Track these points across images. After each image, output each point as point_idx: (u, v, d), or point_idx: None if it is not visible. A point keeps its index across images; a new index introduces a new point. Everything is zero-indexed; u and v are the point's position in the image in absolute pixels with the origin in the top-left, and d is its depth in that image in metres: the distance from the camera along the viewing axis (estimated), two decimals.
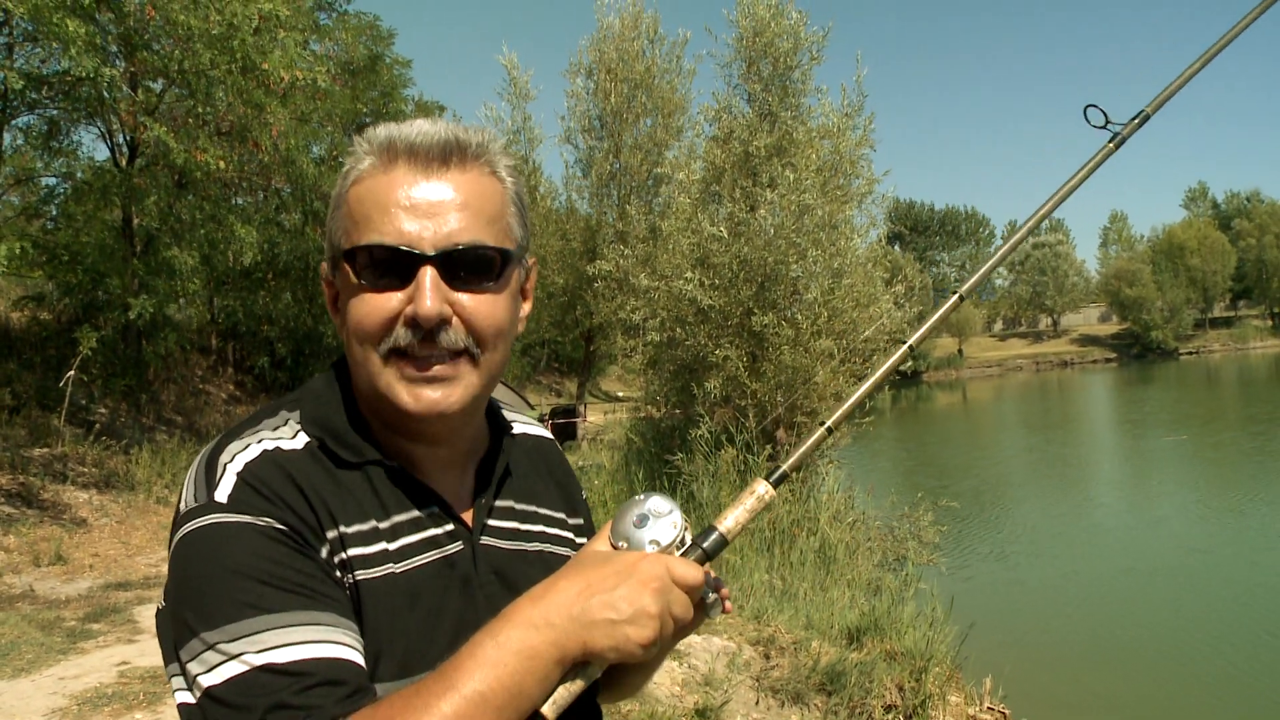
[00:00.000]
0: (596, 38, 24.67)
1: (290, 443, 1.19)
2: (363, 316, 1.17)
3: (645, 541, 1.15)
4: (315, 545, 1.11)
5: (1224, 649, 9.63)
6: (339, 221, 1.21)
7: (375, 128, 1.23)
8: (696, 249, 13.28)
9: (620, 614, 1.06)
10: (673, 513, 1.17)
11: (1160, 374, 66.14)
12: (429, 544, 1.22)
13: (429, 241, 1.16)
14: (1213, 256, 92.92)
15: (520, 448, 1.43)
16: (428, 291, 1.15)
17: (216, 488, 1.11)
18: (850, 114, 13.75)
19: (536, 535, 1.36)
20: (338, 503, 1.16)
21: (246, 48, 13.04)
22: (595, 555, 1.15)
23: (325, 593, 1.08)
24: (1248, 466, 21.60)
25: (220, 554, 1.07)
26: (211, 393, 20.53)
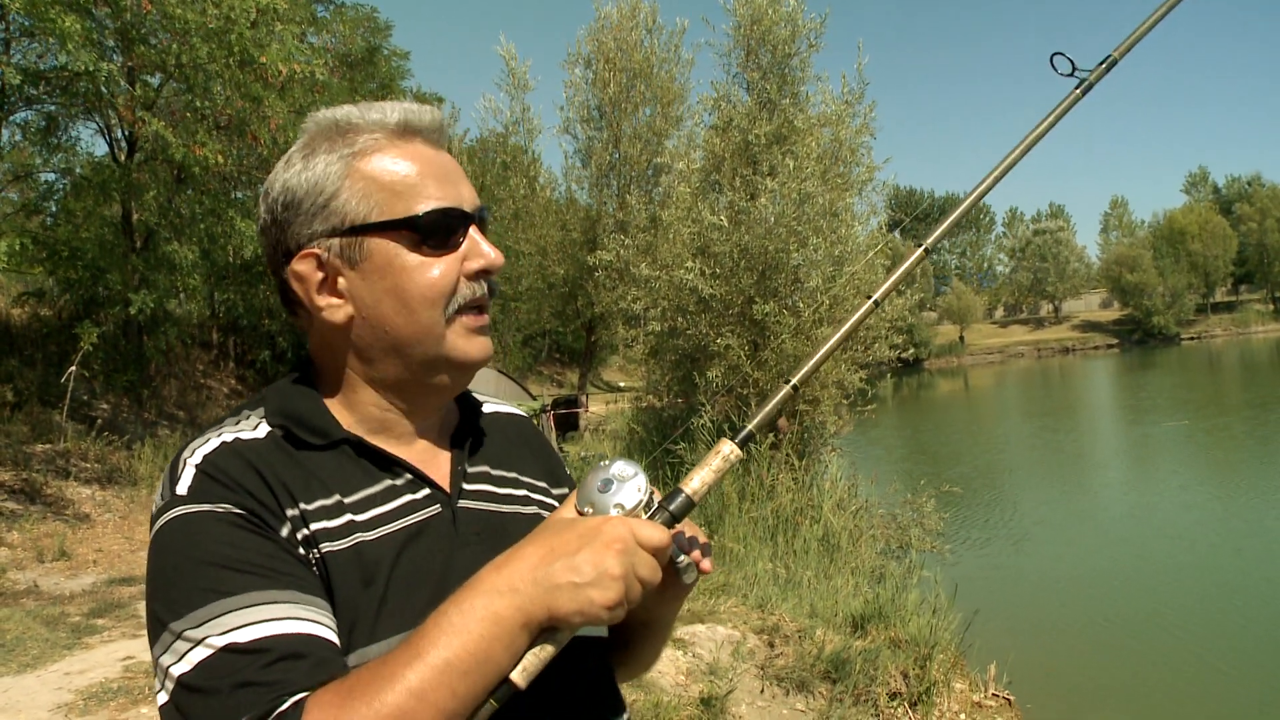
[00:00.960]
0: (595, 27, 24.67)
1: (251, 433, 1.21)
2: (437, 279, 1.22)
3: (610, 506, 1.14)
4: (274, 525, 1.12)
5: (1228, 632, 9.63)
6: (357, 195, 1.21)
7: (348, 108, 1.26)
8: (697, 238, 13.27)
9: (583, 577, 1.06)
10: (637, 476, 1.16)
11: (1162, 359, 66.09)
12: (404, 510, 1.22)
13: (468, 202, 1.26)
14: (1214, 241, 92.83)
15: (492, 422, 1.45)
16: (486, 244, 1.26)
17: (178, 482, 1.14)
18: (851, 102, 13.73)
19: (518, 499, 1.37)
20: (299, 483, 1.17)
21: (244, 41, 13.00)
22: (560, 521, 1.14)
23: (286, 571, 1.09)
24: (1250, 451, 21.59)
25: (182, 545, 1.09)
26: (213, 387, 20.53)
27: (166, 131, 13.45)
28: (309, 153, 1.23)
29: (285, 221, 1.23)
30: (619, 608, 1.08)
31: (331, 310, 1.22)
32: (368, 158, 1.21)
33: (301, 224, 1.22)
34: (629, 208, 23.33)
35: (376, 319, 1.22)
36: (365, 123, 1.23)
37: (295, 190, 1.22)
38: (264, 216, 1.26)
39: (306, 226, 1.22)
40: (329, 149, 1.22)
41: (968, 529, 14.48)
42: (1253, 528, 13.76)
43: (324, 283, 1.22)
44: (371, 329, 1.23)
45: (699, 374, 13.04)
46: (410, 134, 1.24)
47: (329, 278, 1.22)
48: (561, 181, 27.11)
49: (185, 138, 13.83)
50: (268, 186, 1.26)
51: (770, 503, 10.43)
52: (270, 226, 1.25)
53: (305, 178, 1.22)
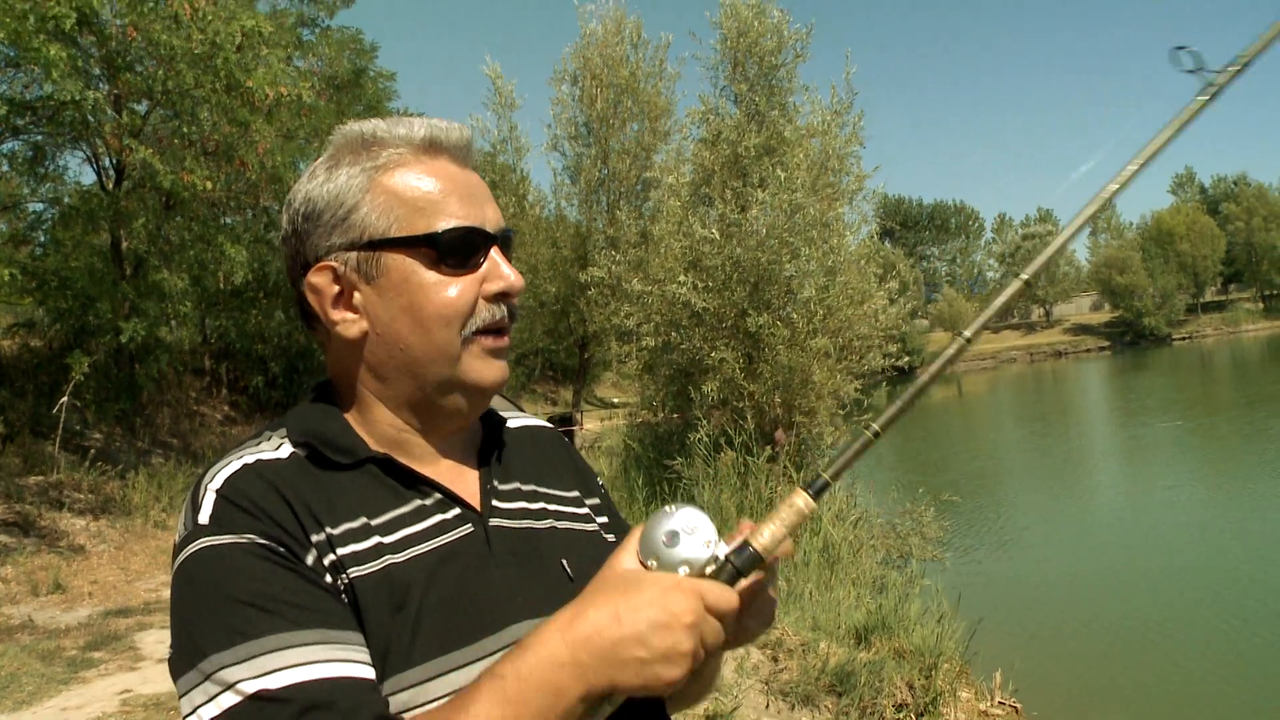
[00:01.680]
0: (580, 44, 24.60)
1: (274, 453, 1.17)
2: (454, 299, 1.20)
3: (676, 562, 1.07)
4: (300, 554, 1.08)
5: (1229, 633, 9.60)
6: (378, 209, 1.19)
7: (376, 122, 1.25)
8: (689, 252, 13.24)
9: (652, 652, 1.00)
10: (704, 528, 1.10)
11: (1154, 360, 66.23)
12: (435, 530, 1.19)
13: (491, 223, 1.24)
14: (1202, 241, 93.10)
15: (518, 437, 1.42)
16: (507, 266, 1.23)
17: (200, 510, 1.10)
18: (840, 111, 13.73)
19: (550, 514, 1.33)
20: (324, 505, 1.13)
21: (230, 66, 12.98)
22: (624, 577, 1.07)
23: (313, 606, 1.06)
24: (1246, 450, 21.60)
25: (206, 580, 1.06)
26: (206, 414, 20.46)
27: (154, 159, 13.41)
28: (333, 165, 1.22)
29: (305, 233, 1.22)
30: (683, 681, 1.03)
31: (346, 325, 1.20)
32: (391, 172, 1.20)
33: (320, 236, 1.21)
34: (619, 223, 23.30)
35: (391, 336, 1.20)
36: (391, 137, 1.22)
37: (316, 201, 1.21)
38: (285, 227, 1.25)
39: (325, 239, 1.20)
40: (352, 161, 1.21)
41: (967, 536, 14.45)
42: (1255, 529, 13.73)
43: (339, 297, 1.21)
44: (386, 346, 1.21)
45: (694, 388, 12.99)
46: (436, 150, 1.23)
47: (345, 292, 1.21)
48: (551, 199, 27.05)
49: (173, 164, 13.81)
50: (290, 197, 1.25)
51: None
52: (290, 237, 1.24)
53: (327, 189, 1.20)
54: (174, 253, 15.70)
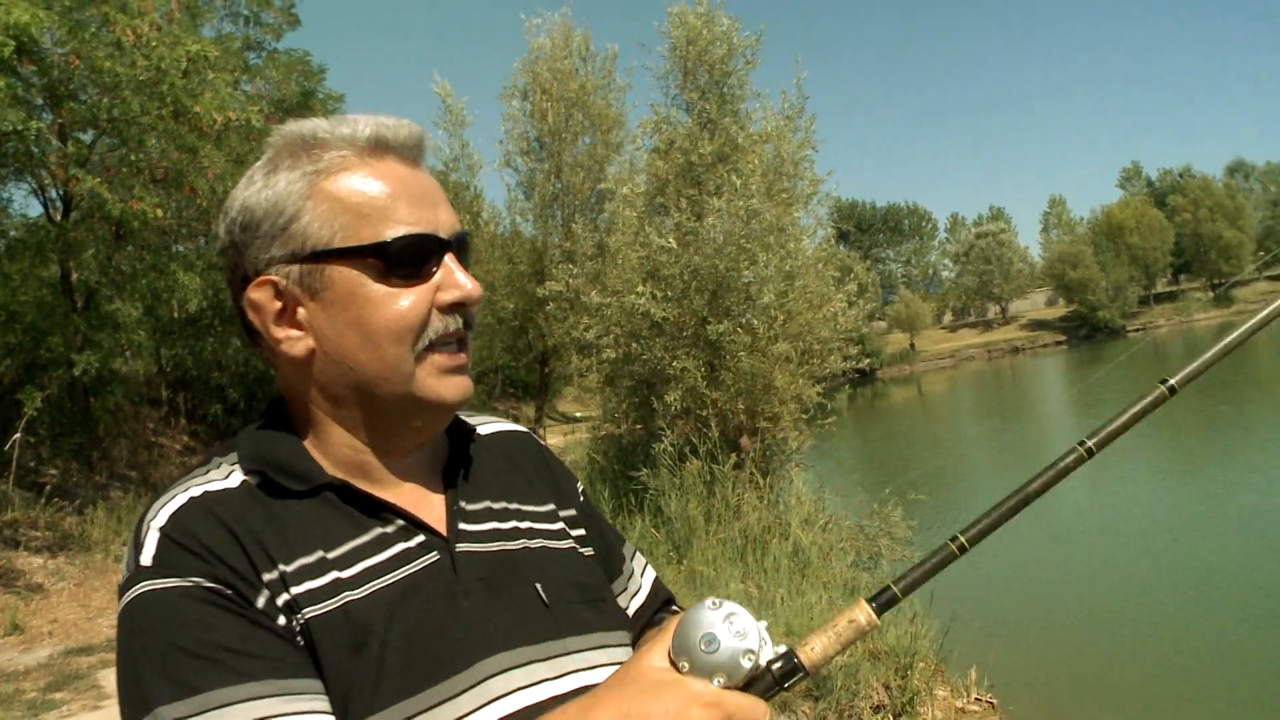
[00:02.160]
0: (528, 59, 24.60)
1: (223, 483, 1.09)
2: (405, 312, 1.11)
3: (710, 669, 0.96)
4: (249, 596, 1.01)
5: (1197, 620, 9.68)
6: (320, 217, 1.10)
7: (318, 121, 1.15)
8: (646, 262, 13.22)
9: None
10: (749, 635, 0.98)
11: (1109, 353, 66.93)
12: (397, 561, 1.11)
13: (444, 227, 1.14)
14: (1151, 234, 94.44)
15: (487, 447, 1.33)
16: (463, 274, 1.14)
17: (142, 550, 1.03)
18: (791, 117, 13.79)
19: (523, 532, 1.24)
20: (276, 539, 1.05)
21: (176, 91, 12.81)
22: (645, 674, 0.99)
23: (261, 653, 0.98)
24: (1202, 438, 21.86)
25: (149, 627, 0.99)
26: (165, 445, 20.19)
27: (102, 188, 13.19)
28: (271, 169, 1.13)
29: (243, 244, 1.13)
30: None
31: (290, 343, 1.12)
32: (334, 176, 1.11)
33: (259, 247, 1.12)
34: (575, 237, 23.26)
35: (339, 354, 1.11)
36: (334, 138, 1.13)
37: (254, 210, 1.12)
38: (222, 238, 1.16)
39: (264, 250, 1.11)
40: (292, 165, 1.12)
41: (936, 535, 14.47)
42: (1209, 516, 13.87)
43: (282, 313, 1.12)
44: (334, 365, 1.12)
45: (656, 399, 12.95)
46: (382, 150, 1.14)
47: (288, 308, 1.12)
48: (505, 215, 26.97)
49: (122, 193, 13.59)
50: (227, 205, 1.16)
51: (737, 523, 10.36)
52: (228, 248, 1.15)
53: (265, 196, 1.11)
54: (126, 283, 15.48)
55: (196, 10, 16.32)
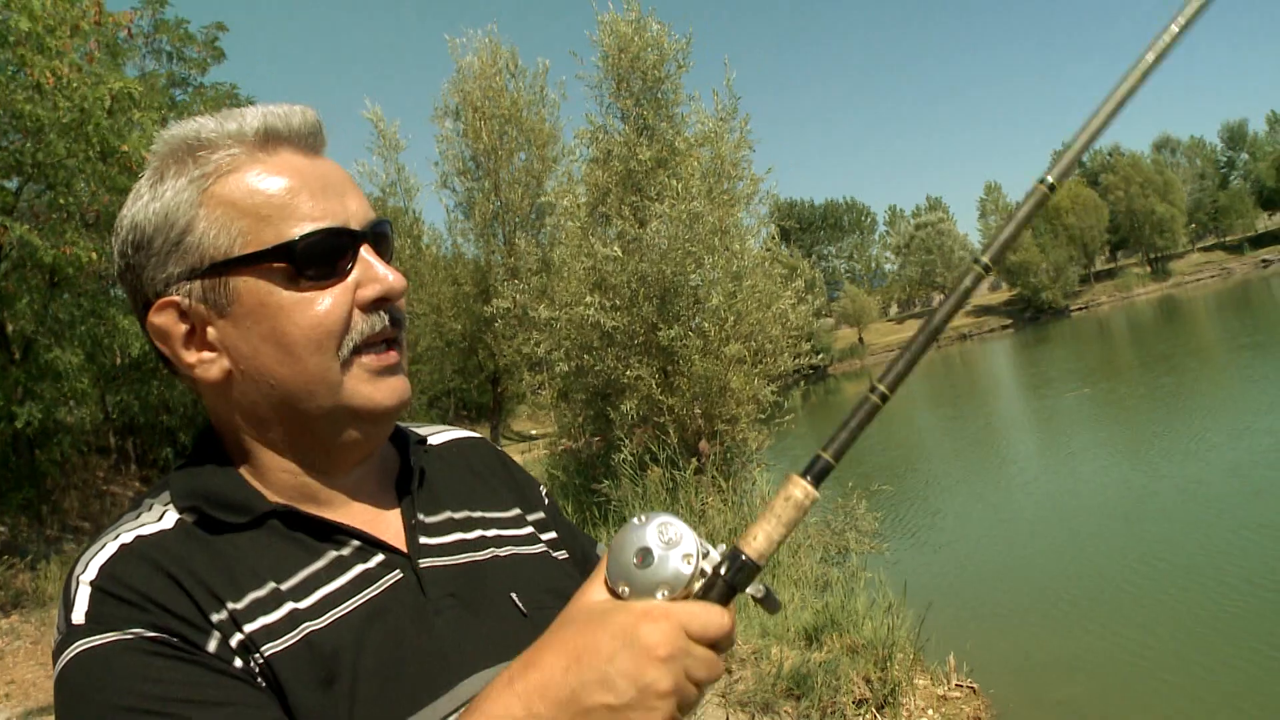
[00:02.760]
0: (457, 79, 24.53)
1: (156, 525, 0.98)
2: (322, 316, 1.00)
3: (653, 585, 0.88)
4: (198, 641, 0.91)
5: (1157, 588, 9.79)
6: (215, 225, 0.99)
7: (202, 119, 1.04)
8: (592, 272, 13.16)
9: (620, 696, 0.83)
10: (683, 540, 0.90)
11: (1055, 333, 67.84)
12: (358, 584, 1.02)
13: (356, 218, 1.03)
14: (1087, 213, 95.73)
15: (441, 457, 1.23)
16: (383, 266, 1.03)
17: (73, 609, 0.92)
18: (725, 118, 13.79)
19: (490, 540, 1.16)
20: (221, 577, 0.95)
21: (102, 131, 12.56)
22: (587, 610, 0.89)
23: (218, 700, 0.88)
24: (1150, 409, 22.16)
25: (88, 690, 0.87)
26: (117, 493, 19.83)
27: (32, 235, 12.89)
28: (157, 179, 1.02)
29: (138, 265, 1.02)
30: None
31: (204, 367, 1.01)
32: (225, 179, 1.01)
33: (155, 266, 1.01)
34: (519, 253, 23.21)
35: (258, 372, 1.01)
36: (220, 136, 1.02)
37: (143, 227, 1.01)
38: (117, 261, 1.04)
39: (161, 269, 1.01)
40: (178, 172, 1.01)
41: (904, 525, 14.53)
42: (1162, 486, 14.02)
43: (191, 335, 1.01)
44: (254, 384, 1.01)
45: (613, 409, 12.89)
46: (275, 143, 1.03)
47: (195, 328, 1.01)
48: (446, 236, 26.87)
49: (53, 239, 13.29)
50: (116, 225, 1.04)
51: (703, 527, 10.30)
52: (125, 272, 1.04)
53: (154, 210, 1.01)
54: (64, 330, 15.16)
55: (117, 49, 16.03)
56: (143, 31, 20.56)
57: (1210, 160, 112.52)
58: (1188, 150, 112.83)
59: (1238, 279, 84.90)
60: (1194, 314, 56.60)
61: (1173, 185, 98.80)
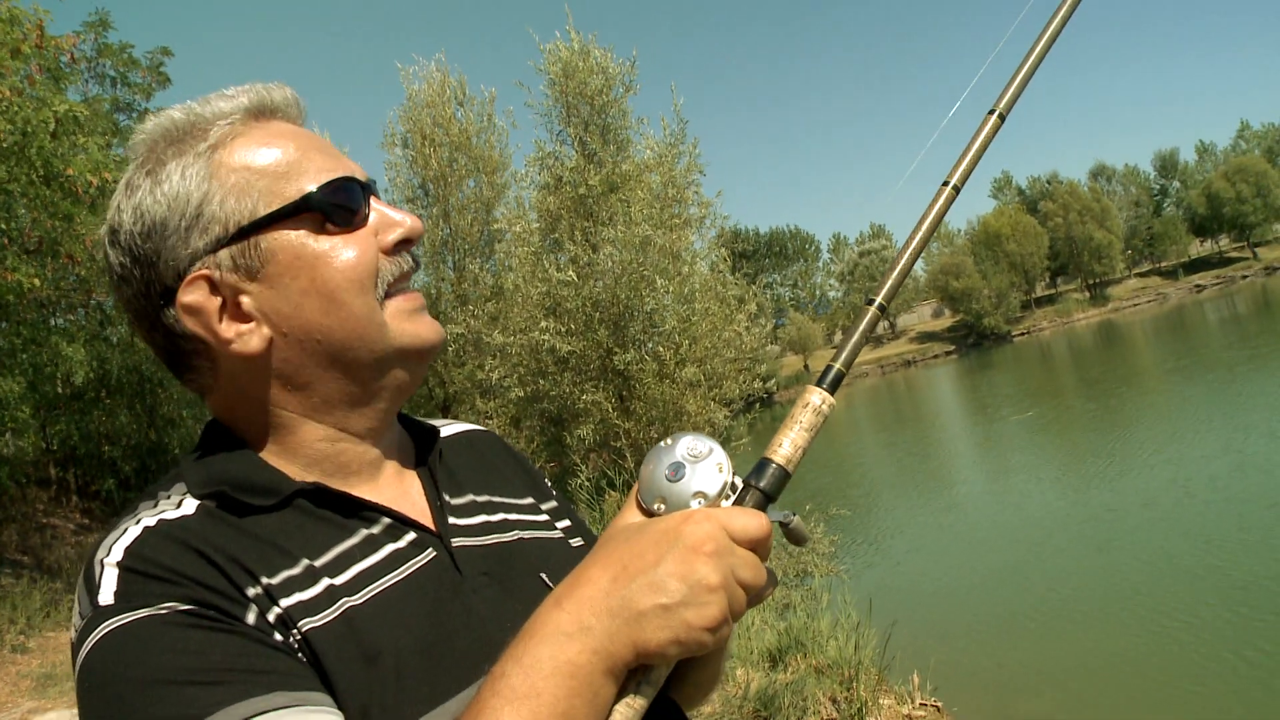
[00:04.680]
0: (407, 106, 24.52)
1: (176, 511, 0.94)
2: (359, 257, 1.01)
3: (688, 496, 0.91)
4: (236, 613, 0.86)
5: (1118, 599, 9.94)
6: (234, 191, 0.98)
7: (183, 106, 1.04)
8: (546, 298, 13.15)
9: (672, 596, 0.84)
10: (713, 452, 0.94)
11: (998, 359, 68.68)
12: (392, 562, 0.99)
13: (358, 171, 1.07)
14: (1027, 239, 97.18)
15: (454, 445, 1.22)
16: (397, 212, 1.04)
17: (98, 591, 0.87)
18: (674, 143, 13.88)
19: (513, 524, 1.15)
20: (253, 555, 0.92)
21: (46, 154, 12.33)
22: (627, 529, 0.91)
23: (264, 667, 0.84)
24: (1092, 430, 22.54)
25: (122, 667, 0.82)
26: (58, 524, 19.38)
27: None
28: (155, 166, 0.99)
29: (151, 253, 0.99)
30: (725, 625, 0.85)
31: (243, 339, 0.98)
32: (230, 147, 1.00)
33: (175, 246, 0.98)
34: (469, 279, 23.16)
35: (302, 329, 0.99)
36: (214, 112, 1.02)
37: (152, 212, 0.98)
38: (119, 262, 1.01)
39: (183, 247, 0.98)
40: (179, 152, 0.99)
41: (863, 547, 14.59)
42: (1115, 502, 14.24)
43: (224, 308, 0.98)
44: (299, 344, 0.99)
45: (568, 434, 12.85)
46: (269, 114, 1.05)
47: (228, 301, 0.98)
48: None
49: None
50: (113, 224, 1.01)
51: None
52: (133, 269, 1.00)
53: (161, 193, 0.98)
54: (4, 358, 14.83)
55: (59, 73, 15.72)
56: (85, 56, 20.22)
57: (1144, 188, 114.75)
58: (1123, 178, 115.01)
59: (1173, 304, 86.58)
60: (1132, 338, 57.58)
61: (1110, 212, 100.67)
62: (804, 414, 0.99)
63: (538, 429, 14.87)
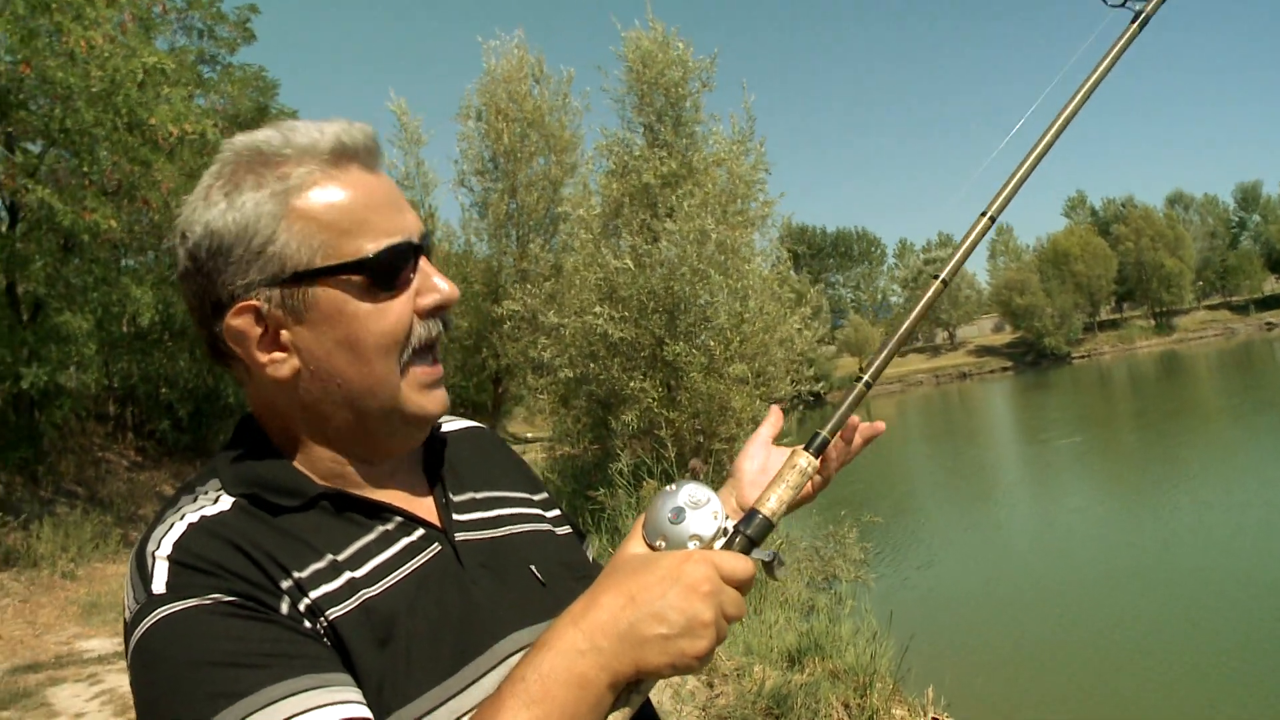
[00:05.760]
0: (484, 80, 24.69)
1: (215, 508, 1.08)
2: (393, 324, 1.11)
3: (685, 538, 1.07)
4: (272, 604, 1.00)
5: (1145, 638, 9.89)
6: (297, 237, 1.07)
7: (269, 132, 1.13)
8: (603, 283, 13.27)
9: (673, 628, 0.99)
10: (710, 501, 1.09)
11: (1055, 379, 67.85)
12: (405, 555, 1.13)
13: (414, 231, 1.14)
14: (1095, 261, 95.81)
15: (456, 443, 1.36)
16: (438, 276, 1.15)
17: (151, 581, 1.01)
18: (741, 139, 13.92)
19: (508, 519, 1.29)
20: (285, 551, 1.05)
21: (131, 103, 12.67)
22: (633, 560, 1.06)
23: (298, 653, 0.98)
24: (1144, 462, 22.27)
25: (175, 650, 0.96)
26: (112, 460, 19.85)
27: (53, 198, 12.99)
28: (232, 188, 1.09)
29: (212, 270, 1.09)
30: (710, 655, 1.01)
31: (275, 366, 1.10)
32: (303, 193, 1.08)
33: (234, 273, 1.08)
34: (530, 256, 23.32)
35: (327, 372, 1.11)
36: (295, 150, 1.10)
37: (222, 235, 1.08)
38: (184, 263, 1.11)
39: (241, 275, 1.08)
40: (257, 184, 1.08)
41: (894, 556, 14.60)
42: (1152, 538, 14.12)
43: (264, 336, 1.10)
44: (321, 383, 1.11)
45: (614, 419, 12.98)
46: (346, 159, 1.12)
47: (269, 330, 1.10)
48: (460, 234, 26.95)
49: (73, 204, 13.37)
50: (184, 228, 1.11)
51: None
52: (194, 274, 1.11)
53: (232, 219, 1.07)
54: (75, 295, 15.22)
55: (150, 23, 16.10)
56: (176, 7, 20.58)
57: (1222, 219, 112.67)
58: (1201, 207, 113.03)
59: (1241, 339, 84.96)
60: (1194, 371, 56.63)
61: (1183, 241, 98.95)
62: (790, 474, 1.16)
63: (584, 409, 15.01)
